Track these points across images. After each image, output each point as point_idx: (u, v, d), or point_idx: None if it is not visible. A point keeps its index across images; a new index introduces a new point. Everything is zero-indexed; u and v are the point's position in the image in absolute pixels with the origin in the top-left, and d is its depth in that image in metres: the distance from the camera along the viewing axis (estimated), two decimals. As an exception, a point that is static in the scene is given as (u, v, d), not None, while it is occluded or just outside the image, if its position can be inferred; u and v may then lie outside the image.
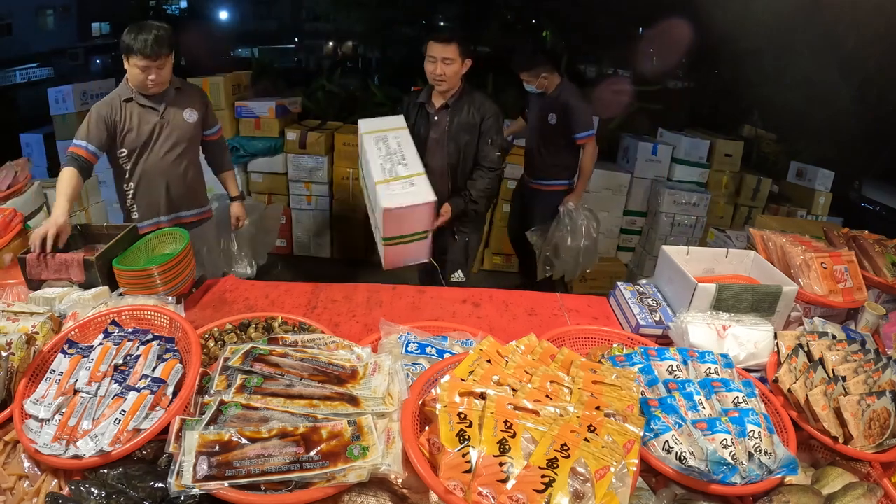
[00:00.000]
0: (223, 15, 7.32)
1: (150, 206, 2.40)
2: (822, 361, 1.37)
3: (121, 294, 1.63)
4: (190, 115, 2.37)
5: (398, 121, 2.41)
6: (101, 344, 1.30)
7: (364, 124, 2.39)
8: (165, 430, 1.09)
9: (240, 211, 2.64)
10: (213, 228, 2.67)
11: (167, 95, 2.31)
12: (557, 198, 3.30)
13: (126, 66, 2.21)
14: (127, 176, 2.37)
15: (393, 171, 2.16)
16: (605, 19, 5.83)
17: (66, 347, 1.30)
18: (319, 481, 0.99)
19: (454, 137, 2.49)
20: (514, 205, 3.74)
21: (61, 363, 1.26)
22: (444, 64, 2.38)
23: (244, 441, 1.01)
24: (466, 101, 2.50)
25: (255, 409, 1.10)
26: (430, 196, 2.09)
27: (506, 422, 1.02)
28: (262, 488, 0.97)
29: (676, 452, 1.09)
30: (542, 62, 3.15)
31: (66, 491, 1.05)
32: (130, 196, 2.40)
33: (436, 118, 2.52)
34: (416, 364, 1.33)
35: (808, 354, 1.44)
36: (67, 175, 2.10)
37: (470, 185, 2.53)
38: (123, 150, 2.32)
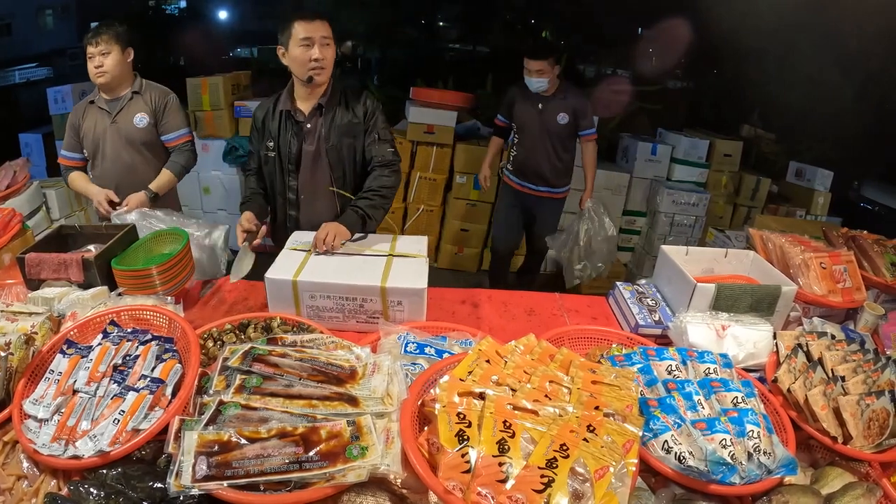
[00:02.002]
0: (222, 15, 7.28)
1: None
2: (821, 361, 1.37)
3: (120, 294, 1.62)
4: (139, 121, 2.34)
5: None
6: (99, 344, 1.30)
7: None
8: (164, 431, 1.09)
9: (135, 197, 2.24)
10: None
11: (122, 100, 2.33)
12: (562, 204, 3.35)
13: None
14: (90, 178, 2.42)
15: None
16: (605, 19, 5.83)
17: (64, 347, 1.30)
18: (318, 481, 0.99)
19: (335, 146, 2.02)
20: (506, 217, 3.47)
21: (60, 363, 1.26)
22: (324, 45, 1.89)
23: (243, 441, 1.01)
24: (339, 97, 2.03)
25: (255, 409, 1.10)
26: None
27: (505, 422, 1.02)
28: (262, 488, 0.97)
29: (675, 452, 1.09)
30: (556, 52, 3.02)
31: (65, 491, 1.05)
32: None
33: (308, 126, 2.01)
34: (415, 364, 1.33)
35: (808, 354, 1.44)
36: (75, 175, 2.39)
37: (372, 183, 2.01)
38: (85, 150, 2.39)
